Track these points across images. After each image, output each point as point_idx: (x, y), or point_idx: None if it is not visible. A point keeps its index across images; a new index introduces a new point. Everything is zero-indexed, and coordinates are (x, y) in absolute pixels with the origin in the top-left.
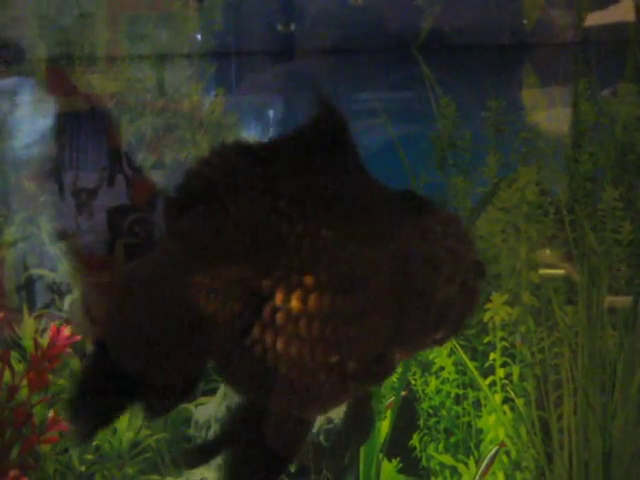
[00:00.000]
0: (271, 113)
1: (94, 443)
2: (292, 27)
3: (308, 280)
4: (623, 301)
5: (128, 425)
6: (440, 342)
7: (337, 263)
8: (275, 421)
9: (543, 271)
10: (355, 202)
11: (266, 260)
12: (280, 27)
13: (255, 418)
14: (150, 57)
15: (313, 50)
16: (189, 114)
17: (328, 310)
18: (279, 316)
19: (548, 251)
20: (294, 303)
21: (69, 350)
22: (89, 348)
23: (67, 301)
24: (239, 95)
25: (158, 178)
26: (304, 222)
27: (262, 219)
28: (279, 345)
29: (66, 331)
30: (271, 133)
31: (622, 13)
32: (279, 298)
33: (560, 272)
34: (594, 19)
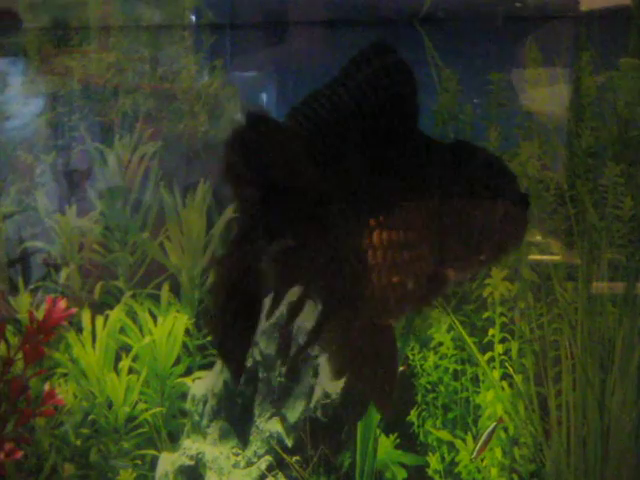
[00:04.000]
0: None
1: (90, 417)
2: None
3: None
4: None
5: (124, 399)
6: (485, 262)
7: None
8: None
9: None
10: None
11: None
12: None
13: None
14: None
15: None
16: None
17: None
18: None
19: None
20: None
21: (65, 323)
22: None
23: (62, 274)
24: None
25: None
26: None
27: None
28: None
29: (61, 304)
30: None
31: None
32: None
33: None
34: None
